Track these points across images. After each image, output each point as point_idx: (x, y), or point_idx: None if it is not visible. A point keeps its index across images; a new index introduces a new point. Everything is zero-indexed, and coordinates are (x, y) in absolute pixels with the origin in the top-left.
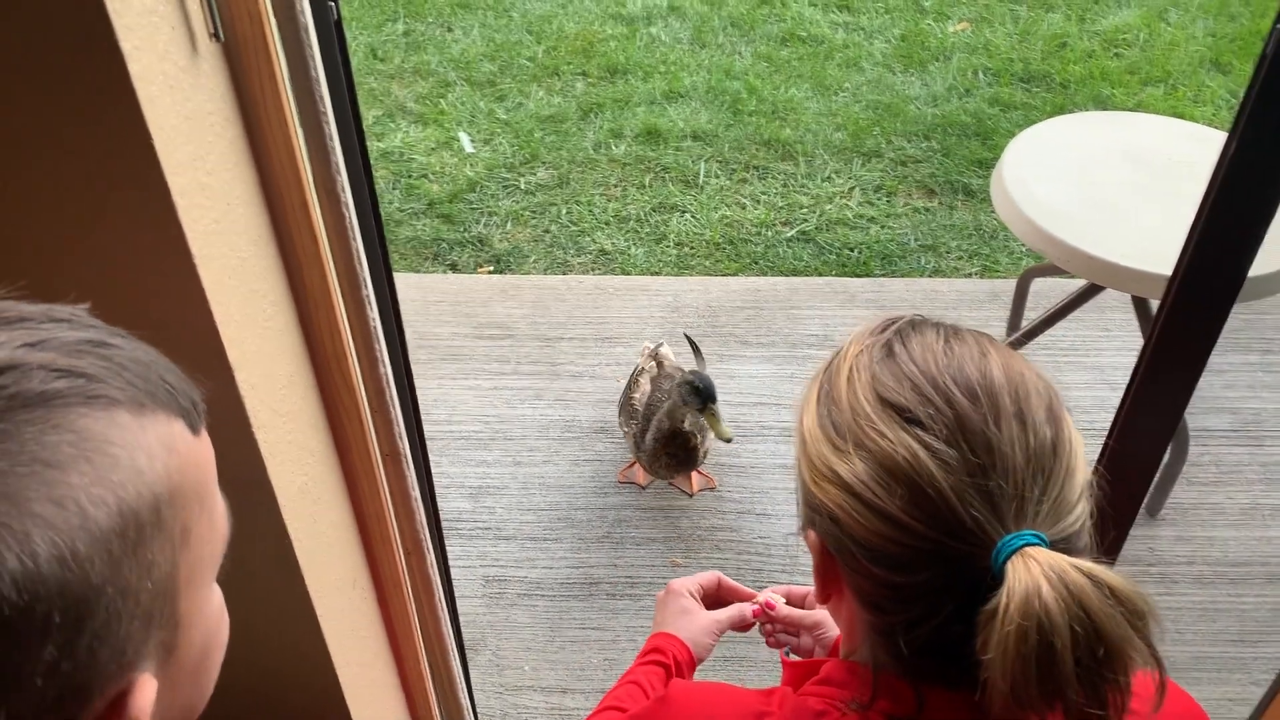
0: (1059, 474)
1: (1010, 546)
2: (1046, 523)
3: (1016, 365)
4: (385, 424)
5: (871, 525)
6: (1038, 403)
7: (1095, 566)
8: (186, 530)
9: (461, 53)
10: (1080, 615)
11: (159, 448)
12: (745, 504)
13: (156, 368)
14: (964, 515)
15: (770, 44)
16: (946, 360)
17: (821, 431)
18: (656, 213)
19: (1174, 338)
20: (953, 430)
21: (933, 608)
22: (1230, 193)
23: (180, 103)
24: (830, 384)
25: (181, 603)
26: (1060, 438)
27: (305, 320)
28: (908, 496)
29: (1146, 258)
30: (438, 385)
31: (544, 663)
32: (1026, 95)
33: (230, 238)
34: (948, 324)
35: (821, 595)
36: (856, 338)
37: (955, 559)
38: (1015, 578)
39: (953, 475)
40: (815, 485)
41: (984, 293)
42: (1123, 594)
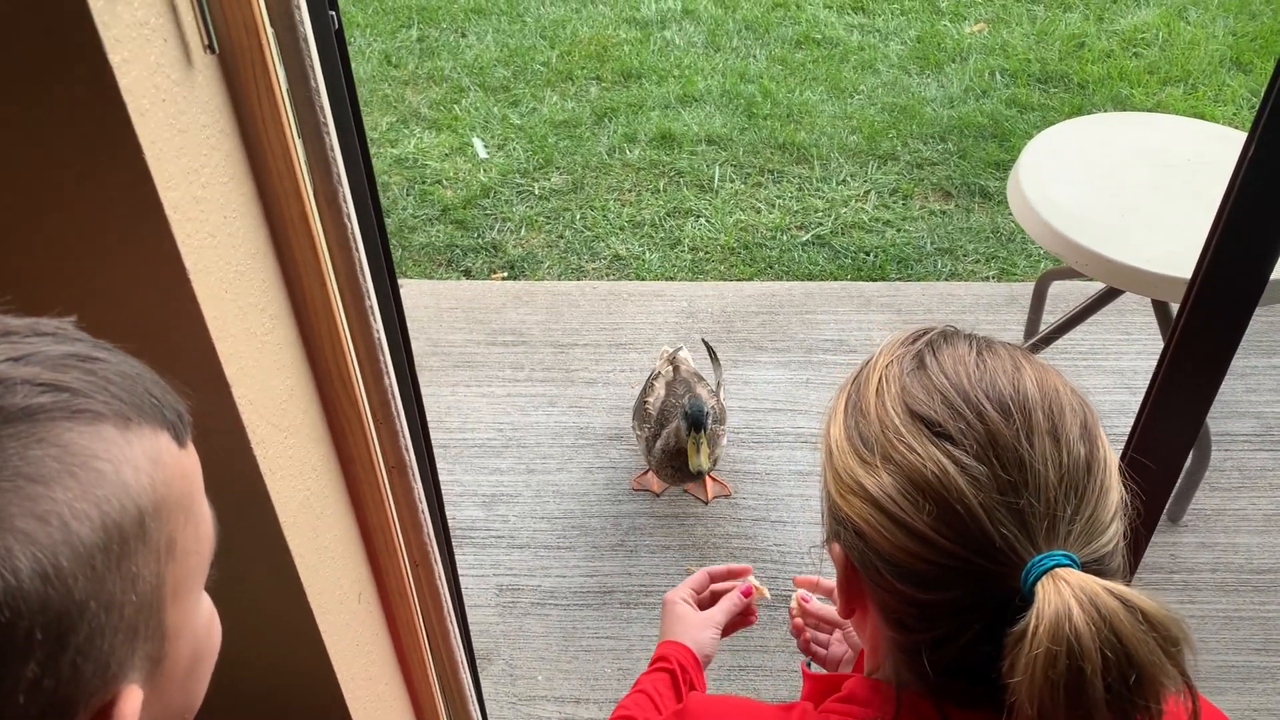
0: (1092, 493)
1: (1041, 567)
2: (1078, 543)
3: (1051, 380)
4: (391, 436)
5: (898, 541)
6: (1072, 419)
7: (1128, 590)
8: (172, 542)
9: (475, 58)
10: (1112, 640)
11: (144, 461)
12: (761, 511)
13: (142, 381)
14: (993, 533)
15: (785, 47)
16: (979, 374)
17: (849, 443)
18: (671, 217)
19: (1194, 342)
20: (984, 446)
21: (959, 627)
22: (1250, 195)
23: (174, 116)
24: (859, 395)
25: (168, 615)
26: (1095, 456)
27: (306, 333)
28: (936, 513)
29: (1166, 261)
30: (451, 392)
31: (557, 672)
32: (1044, 96)
33: (226, 251)
34: (980, 336)
35: (845, 610)
36: (887, 348)
37: (983, 578)
38: (1045, 599)
39: (982, 492)
40: (841, 498)
41: (1002, 296)
42: (1156, 619)
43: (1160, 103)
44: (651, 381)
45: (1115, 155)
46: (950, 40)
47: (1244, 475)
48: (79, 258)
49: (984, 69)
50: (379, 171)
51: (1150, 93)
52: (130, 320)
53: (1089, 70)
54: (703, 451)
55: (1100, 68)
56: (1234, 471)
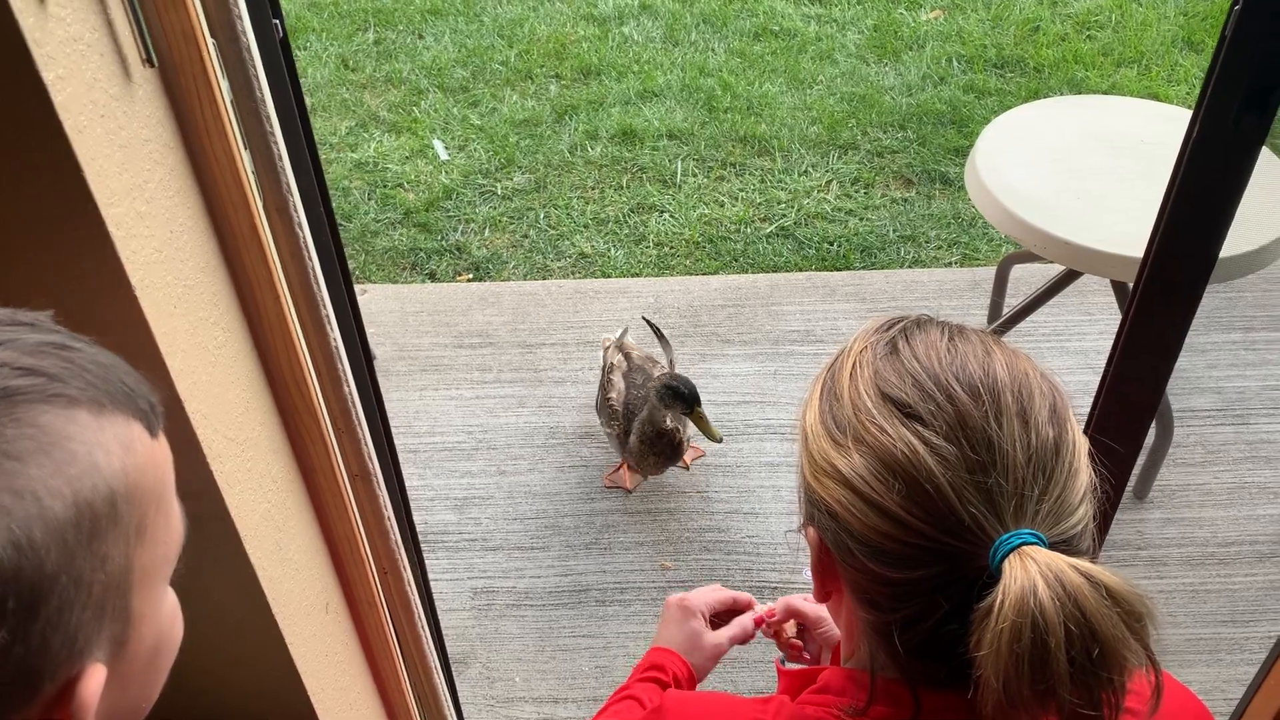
0: (1060, 474)
1: (1008, 545)
2: (1046, 523)
3: (1021, 365)
4: (353, 444)
5: (869, 521)
6: (1041, 403)
7: (1094, 567)
8: (142, 527)
9: (433, 60)
10: (1076, 615)
11: (116, 446)
12: (733, 504)
13: (116, 371)
14: (962, 512)
15: (743, 39)
16: (950, 358)
17: (823, 426)
18: (635, 214)
19: (1148, 320)
20: (953, 426)
21: (929, 606)
22: (1195, 175)
23: (113, 131)
24: (833, 380)
25: (135, 599)
26: (1063, 438)
27: (261, 345)
28: (906, 492)
29: (1122, 242)
30: (419, 397)
31: (535, 673)
32: (1001, 81)
33: (174, 265)
34: (953, 323)
35: (820, 593)
36: (861, 335)
37: (952, 556)
38: (1011, 576)
39: (951, 471)
40: (815, 480)
41: (964, 281)
42: (1120, 595)
43: (1115, 84)
44: (609, 376)
45: (1070, 139)
46: (907, 28)
47: (1207, 450)
48: (20, 276)
49: (941, 56)
50: (339, 177)
51: (1105, 74)
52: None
53: (1044, 54)
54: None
55: (1055, 51)
56: (1197, 447)
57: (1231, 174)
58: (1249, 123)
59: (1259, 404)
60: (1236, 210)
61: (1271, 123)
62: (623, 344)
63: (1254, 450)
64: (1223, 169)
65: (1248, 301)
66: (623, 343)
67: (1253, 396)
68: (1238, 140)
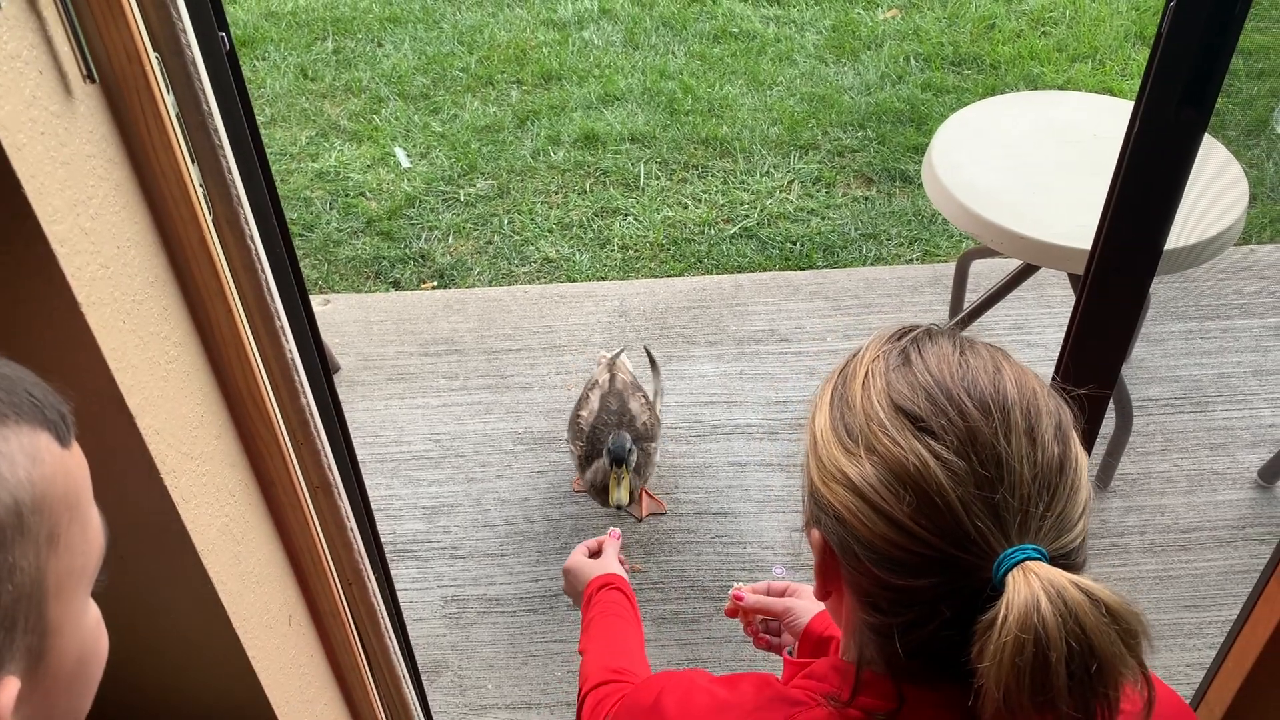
0: (1064, 491)
1: (1011, 559)
2: (1048, 538)
3: (1029, 382)
4: (312, 455)
5: (877, 529)
6: (1048, 421)
7: (1093, 584)
8: (54, 537)
9: (393, 67)
10: (1076, 631)
11: (21, 456)
12: (701, 504)
13: (22, 382)
14: (969, 525)
15: (703, 42)
16: (961, 372)
17: (833, 433)
18: (599, 217)
19: (1097, 312)
20: (964, 442)
21: (930, 612)
22: (1138, 167)
23: (54, 148)
24: (845, 387)
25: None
26: (1067, 456)
27: (214, 358)
28: (915, 503)
29: (1076, 234)
30: (385, 406)
31: (507, 680)
32: (958, 78)
33: (122, 281)
34: (963, 336)
35: (821, 592)
36: (873, 344)
37: (956, 567)
38: (1015, 590)
39: (960, 486)
40: (824, 485)
41: (925, 278)
42: (1118, 612)
43: (1070, 79)
44: (587, 392)
45: (1024, 134)
46: (864, 28)
47: (1166, 438)
48: None
49: (899, 55)
50: (300, 187)
51: (1060, 70)
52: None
53: (1000, 51)
54: (623, 487)
55: (1011, 48)
56: (1157, 435)
57: (1173, 165)
58: (1188, 114)
59: (1215, 391)
60: (1180, 200)
61: (1210, 114)
62: (614, 364)
63: (1211, 437)
64: (1165, 160)
65: (1201, 291)
66: (615, 363)
67: (1209, 384)
68: (1178, 132)
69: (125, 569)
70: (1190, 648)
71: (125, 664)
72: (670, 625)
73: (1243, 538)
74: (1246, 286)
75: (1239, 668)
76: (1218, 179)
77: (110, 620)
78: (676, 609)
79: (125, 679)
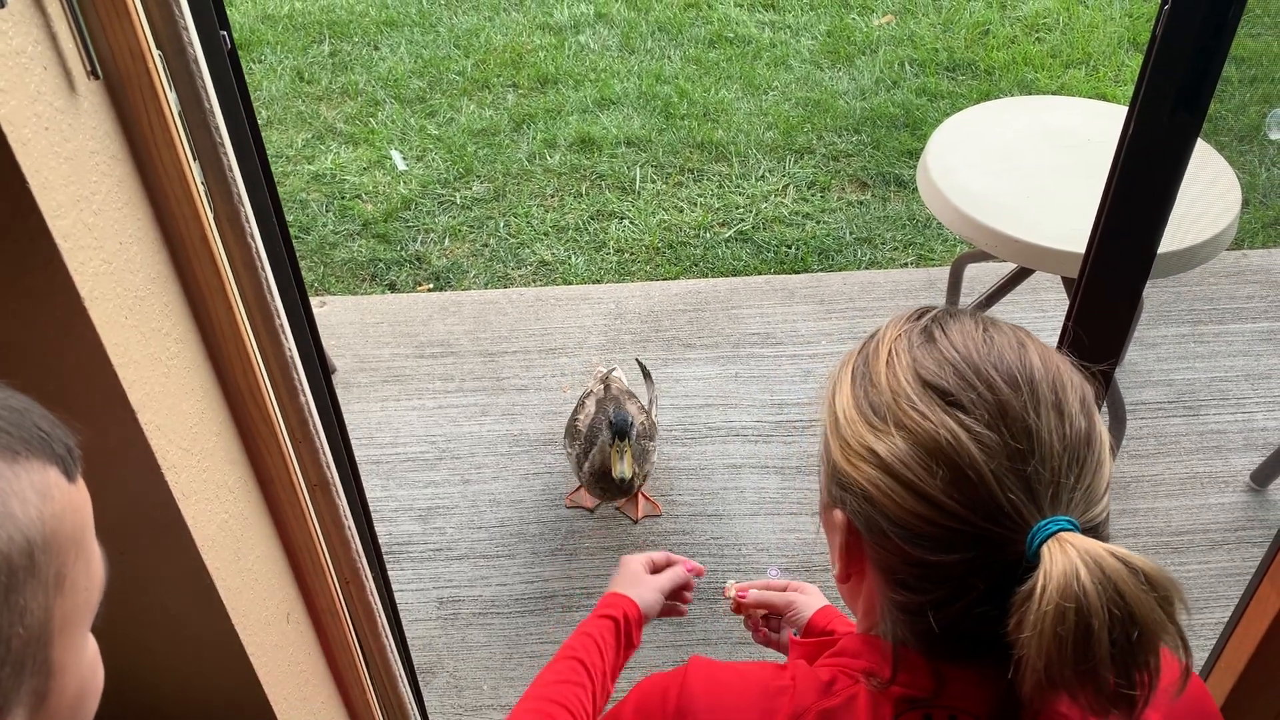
0: (1091, 463)
1: (1046, 531)
2: (1078, 509)
3: (1053, 358)
4: (311, 454)
5: (908, 504)
6: (1073, 395)
7: (1128, 552)
8: (61, 576)
9: (389, 70)
10: (1116, 598)
11: (32, 494)
12: (697, 506)
13: (30, 415)
14: (1002, 499)
15: (698, 46)
16: (987, 348)
17: (858, 411)
18: (595, 220)
19: (1091, 315)
20: (994, 415)
21: (963, 588)
22: (1132, 171)
23: (59, 144)
24: (867, 366)
25: (55, 650)
26: (1093, 430)
27: (215, 355)
28: (948, 478)
29: (1070, 238)
30: (381, 408)
31: (503, 680)
32: (952, 84)
33: (124, 277)
34: (984, 314)
35: (842, 574)
36: (892, 324)
37: (990, 541)
38: (1052, 560)
39: (993, 459)
40: (848, 464)
41: (920, 282)
42: (1155, 579)
43: (1064, 85)
44: (583, 400)
45: (1018, 139)
46: (859, 33)
47: (1159, 441)
48: None
49: (893, 60)
50: (296, 189)
51: (1054, 75)
52: (26, 350)
53: (995, 56)
54: (626, 459)
55: (1005, 54)
56: (1150, 438)
57: (1167, 168)
58: (1182, 119)
59: (1208, 395)
60: (1174, 204)
61: (1204, 117)
62: (608, 377)
63: (1204, 441)
64: (1159, 164)
65: (1194, 295)
66: (608, 377)
67: (1201, 388)
68: (1172, 136)
69: (125, 563)
70: None
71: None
72: (666, 626)
73: (1235, 541)
74: (1239, 291)
75: (1231, 669)
76: (1211, 184)
77: (111, 612)
78: None
79: (123, 673)
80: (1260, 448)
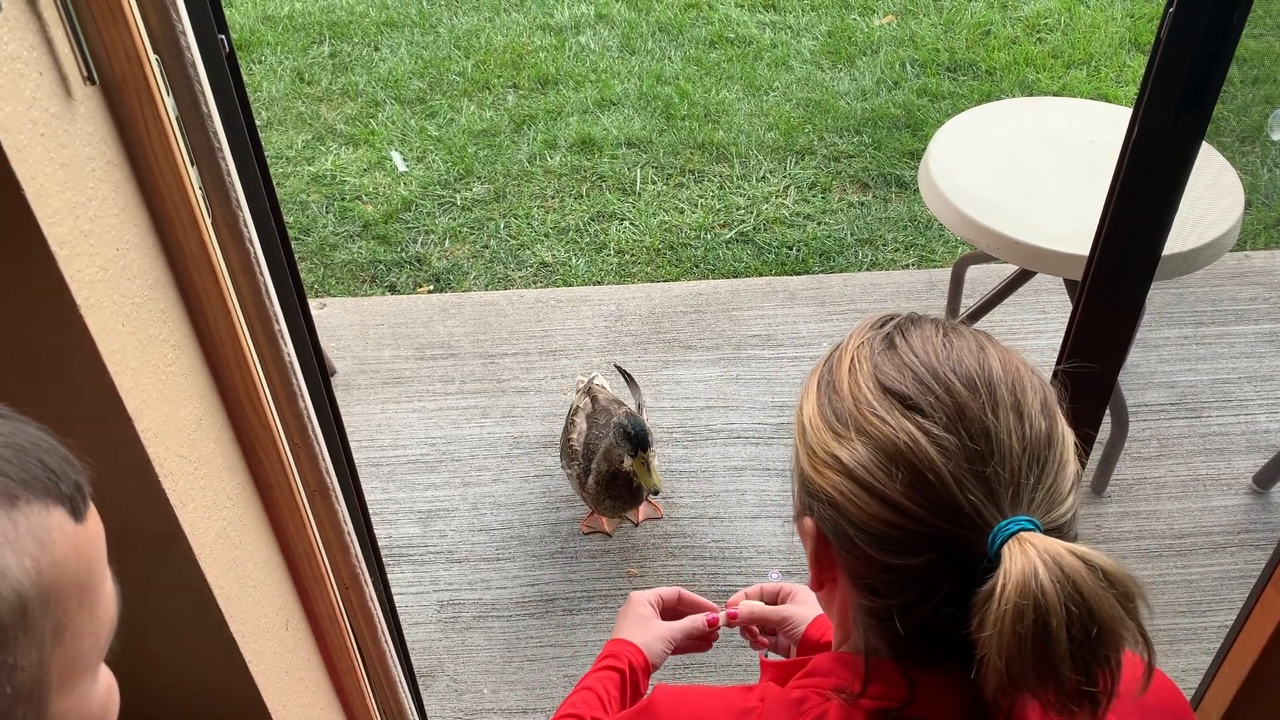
0: (1053, 464)
1: (1006, 531)
2: (1040, 510)
3: (1013, 361)
4: (310, 459)
5: (871, 509)
6: (1033, 396)
7: (1088, 550)
8: (60, 628)
9: (389, 71)
10: (1075, 595)
11: (30, 543)
12: (697, 509)
13: (35, 452)
14: (962, 500)
15: (699, 47)
16: (946, 353)
17: (822, 419)
18: (595, 222)
19: (1095, 317)
20: (952, 418)
21: (928, 590)
22: (1137, 173)
23: (54, 150)
24: (831, 374)
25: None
26: (1054, 430)
27: (213, 361)
28: (908, 480)
29: (1072, 240)
30: (381, 410)
31: (503, 684)
32: (954, 85)
33: (121, 283)
34: (945, 320)
35: (815, 582)
36: (856, 332)
37: (952, 542)
38: (1012, 560)
39: (951, 461)
40: (815, 471)
41: (921, 283)
42: (1115, 576)
43: (1065, 85)
44: (572, 417)
45: (1020, 140)
46: (860, 34)
47: (1162, 444)
48: None
49: (894, 60)
50: (296, 190)
51: (1056, 76)
52: (21, 359)
53: (996, 57)
54: (653, 470)
55: (1007, 54)
56: (1152, 441)
57: (1172, 170)
58: (1186, 121)
59: (1210, 397)
60: (1179, 205)
61: (1208, 119)
62: (591, 388)
63: (1206, 443)
64: (1163, 166)
65: (1196, 297)
66: (591, 386)
67: (1204, 390)
68: (1176, 138)
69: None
70: (1186, 653)
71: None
72: None
73: (1238, 543)
74: (1241, 292)
75: (1235, 673)
76: (1213, 185)
77: None
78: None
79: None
80: (1263, 450)
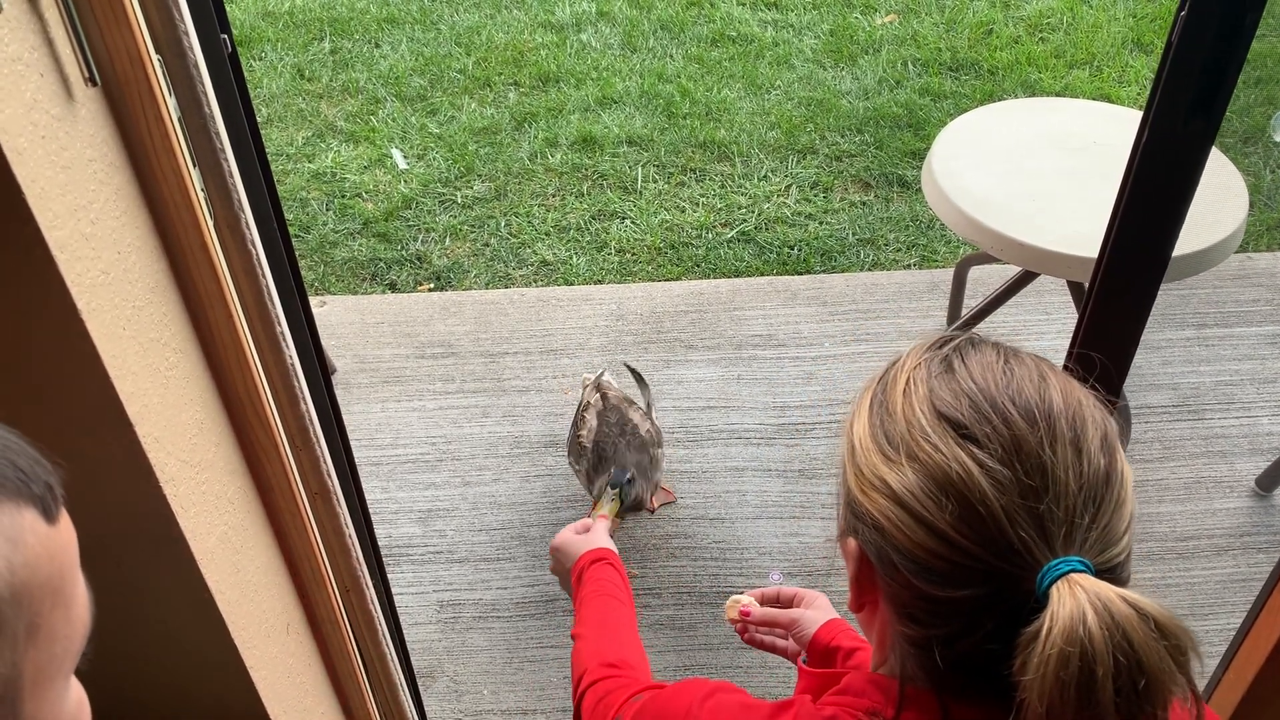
0: (1109, 503)
1: (1056, 571)
2: (1093, 550)
3: (1075, 393)
4: (311, 462)
5: (917, 538)
6: (1094, 431)
7: (1141, 598)
8: (34, 628)
9: (390, 68)
10: (1124, 645)
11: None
12: (698, 509)
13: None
14: (1012, 536)
15: (701, 45)
16: (1005, 381)
17: (873, 440)
18: (596, 220)
19: (1103, 320)
20: (1008, 450)
21: (971, 625)
22: (1147, 177)
23: (55, 152)
24: (885, 394)
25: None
26: (1113, 468)
27: (214, 364)
28: (957, 512)
29: (1075, 242)
30: (381, 409)
31: (503, 685)
32: (956, 84)
33: (123, 287)
34: (1007, 345)
35: (855, 603)
36: (914, 351)
37: (999, 578)
38: (1060, 602)
39: (1004, 495)
40: (862, 493)
41: (923, 283)
42: (1167, 628)
43: (1068, 85)
44: (582, 414)
45: (1023, 141)
46: (862, 32)
47: (1164, 446)
48: None
49: (896, 59)
50: (296, 188)
51: (1058, 76)
52: (22, 364)
53: (998, 56)
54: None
55: (1009, 54)
56: (1155, 443)
57: (1182, 175)
58: (1197, 125)
59: (1213, 399)
60: (1188, 210)
61: (1219, 124)
62: (600, 384)
63: (1209, 445)
64: (1173, 170)
65: (1200, 299)
66: (600, 383)
67: (1206, 392)
68: (1187, 142)
69: (122, 578)
70: None
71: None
72: (667, 631)
73: (1240, 546)
74: (1244, 294)
75: (1240, 679)
76: (1218, 187)
77: (107, 628)
78: (673, 614)
79: (121, 688)
80: (1265, 452)
